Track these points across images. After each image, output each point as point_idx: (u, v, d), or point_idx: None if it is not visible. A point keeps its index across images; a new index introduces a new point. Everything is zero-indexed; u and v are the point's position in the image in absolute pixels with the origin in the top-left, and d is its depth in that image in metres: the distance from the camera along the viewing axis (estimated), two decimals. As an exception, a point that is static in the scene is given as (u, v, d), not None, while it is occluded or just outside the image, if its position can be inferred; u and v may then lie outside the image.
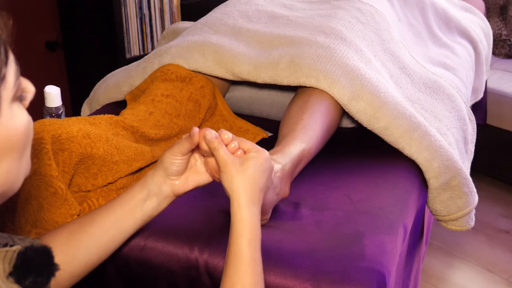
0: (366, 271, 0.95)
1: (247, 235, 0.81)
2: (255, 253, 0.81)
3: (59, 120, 1.12)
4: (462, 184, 1.30)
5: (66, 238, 0.88)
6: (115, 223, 0.89)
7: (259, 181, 0.83)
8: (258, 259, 0.82)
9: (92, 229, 0.89)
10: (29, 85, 0.63)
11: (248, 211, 0.82)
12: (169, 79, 1.36)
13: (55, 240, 0.87)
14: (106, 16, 2.30)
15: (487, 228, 2.31)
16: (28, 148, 0.63)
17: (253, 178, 0.82)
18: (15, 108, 0.59)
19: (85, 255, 0.88)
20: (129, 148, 1.17)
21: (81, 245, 0.88)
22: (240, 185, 0.82)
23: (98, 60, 2.46)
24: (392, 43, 1.51)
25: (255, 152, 0.84)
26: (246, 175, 0.82)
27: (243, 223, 0.81)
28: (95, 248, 0.88)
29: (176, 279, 1.04)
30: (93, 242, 0.88)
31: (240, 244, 0.81)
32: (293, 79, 1.29)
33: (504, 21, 2.71)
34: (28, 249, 0.69)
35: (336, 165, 1.29)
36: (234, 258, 0.80)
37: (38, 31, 2.53)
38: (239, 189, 0.82)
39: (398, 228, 1.09)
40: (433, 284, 2.02)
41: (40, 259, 0.72)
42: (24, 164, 0.63)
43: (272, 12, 1.56)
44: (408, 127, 1.26)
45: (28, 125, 0.61)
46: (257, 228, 0.82)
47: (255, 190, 0.83)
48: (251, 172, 0.82)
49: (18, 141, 0.59)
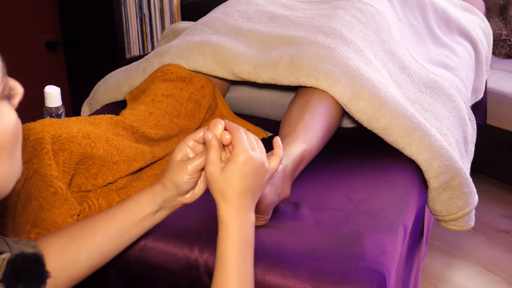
0: (366, 271, 0.95)
1: (231, 238, 0.79)
2: (241, 255, 0.80)
3: (59, 120, 1.12)
4: (462, 184, 1.30)
5: (65, 243, 0.87)
6: (120, 232, 0.88)
7: (238, 187, 0.80)
8: (246, 262, 0.80)
9: (94, 235, 0.87)
10: (17, 85, 0.62)
11: (231, 216, 0.80)
12: (169, 79, 1.36)
13: (54, 243, 0.86)
14: (106, 16, 2.30)
15: (487, 228, 2.31)
16: (17, 149, 0.62)
17: (231, 185, 0.80)
18: (3, 107, 0.58)
19: (85, 260, 0.87)
20: (129, 148, 1.17)
21: (82, 250, 0.87)
22: (219, 192, 0.80)
23: (98, 60, 2.46)
24: (392, 43, 1.51)
25: (235, 154, 0.80)
26: (224, 182, 0.80)
27: (226, 227, 0.80)
28: (96, 254, 0.88)
29: (176, 279, 1.04)
30: (95, 248, 0.87)
31: (223, 247, 0.80)
32: (293, 79, 1.29)
33: (504, 21, 2.71)
34: (18, 257, 0.69)
35: (336, 165, 1.29)
36: (219, 261, 0.80)
37: (38, 31, 2.53)
38: (219, 196, 0.80)
39: (398, 228, 1.09)
40: (433, 284, 2.02)
41: (31, 267, 0.71)
42: (15, 166, 0.62)
43: (272, 12, 1.56)
44: (408, 127, 1.26)
45: (17, 124, 0.60)
46: (244, 231, 0.81)
47: (236, 196, 0.80)
48: (229, 178, 0.80)
49: (8, 140, 0.59)
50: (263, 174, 0.83)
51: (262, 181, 0.83)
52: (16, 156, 0.62)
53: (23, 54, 2.49)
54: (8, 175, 0.61)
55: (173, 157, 0.87)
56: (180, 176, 0.85)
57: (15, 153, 0.61)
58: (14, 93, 0.61)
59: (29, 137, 1.06)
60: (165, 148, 1.28)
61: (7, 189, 0.62)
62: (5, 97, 0.59)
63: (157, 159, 1.25)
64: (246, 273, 0.80)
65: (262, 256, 0.99)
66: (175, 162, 0.86)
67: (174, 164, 0.86)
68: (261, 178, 0.83)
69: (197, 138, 0.87)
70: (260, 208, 1.02)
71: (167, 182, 0.87)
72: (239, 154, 0.80)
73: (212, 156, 0.81)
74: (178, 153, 0.86)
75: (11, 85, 0.61)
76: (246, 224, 0.81)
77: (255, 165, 0.81)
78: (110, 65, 2.21)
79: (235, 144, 0.81)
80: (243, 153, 0.80)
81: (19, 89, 0.62)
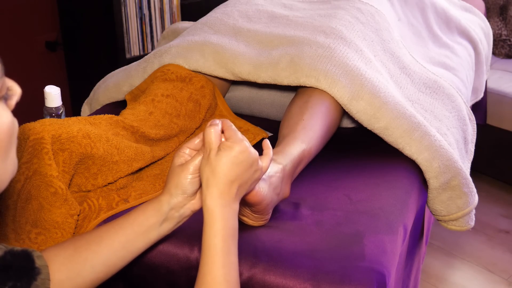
0: (366, 271, 0.95)
1: (215, 225, 0.79)
2: (224, 243, 0.79)
3: (59, 120, 1.12)
4: (462, 184, 1.30)
5: (71, 255, 0.85)
6: (125, 244, 0.87)
7: (229, 173, 0.80)
8: (230, 250, 0.80)
9: (99, 247, 0.86)
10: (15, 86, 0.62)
11: (214, 201, 0.80)
12: (169, 79, 1.36)
13: (60, 254, 0.85)
14: (106, 16, 2.30)
15: (487, 228, 2.31)
16: (12, 149, 0.62)
17: (223, 170, 0.80)
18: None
19: (90, 273, 0.86)
20: (129, 148, 1.17)
21: (87, 262, 0.85)
22: (209, 174, 0.80)
23: (98, 60, 2.46)
24: (392, 43, 1.51)
25: (232, 142, 0.81)
26: (216, 165, 0.80)
27: (210, 213, 0.80)
28: (102, 267, 0.86)
29: (176, 279, 1.04)
30: (100, 261, 0.86)
31: (208, 235, 0.80)
32: (293, 79, 1.29)
33: (504, 21, 2.71)
34: (7, 254, 0.69)
35: (336, 165, 1.29)
36: (204, 249, 0.80)
37: (38, 31, 2.53)
38: (208, 178, 0.80)
39: (398, 228, 1.09)
40: (433, 284, 2.02)
41: (21, 263, 0.71)
42: (9, 165, 0.61)
43: (272, 12, 1.56)
44: (408, 127, 1.26)
45: (12, 125, 0.60)
46: (227, 218, 0.80)
47: (223, 182, 0.80)
48: (222, 163, 0.80)
49: (2, 140, 0.58)
50: (255, 169, 0.84)
51: (253, 176, 0.84)
52: (10, 157, 0.61)
53: (23, 54, 2.49)
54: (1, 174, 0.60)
55: (173, 164, 0.87)
56: (183, 178, 0.85)
57: (9, 153, 0.61)
58: (12, 94, 0.61)
59: (29, 137, 1.06)
60: (165, 148, 1.28)
61: (1, 188, 0.62)
62: (2, 97, 0.59)
63: (157, 159, 1.25)
64: (231, 261, 0.80)
65: (262, 256, 0.99)
66: (175, 167, 0.87)
67: (175, 169, 0.87)
68: (252, 173, 0.84)
69: (193, 146, 0.87)
70: (259, 208, 1.02)
71: (171, 188, 0.86)
72: (236, 142, 0.81)
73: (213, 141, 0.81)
74: (177, 159, 0.87)
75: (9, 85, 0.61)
76: (229, 212, 0.81)
77: (250, 157, 0.82)
78: (110, 65, 2.21)
79: (232, 135, 0.82)
80: (241, 142, 0.81)
81: (16, 89, 0.62)
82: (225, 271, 0.79)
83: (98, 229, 0.89)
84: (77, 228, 1.08)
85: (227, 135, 0.83)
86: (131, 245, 0.87)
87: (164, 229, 0.88)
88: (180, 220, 0.89)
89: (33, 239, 1.04)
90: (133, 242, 0.87)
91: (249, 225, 1.06)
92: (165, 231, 0.89)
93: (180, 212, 0.88)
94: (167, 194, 0.87)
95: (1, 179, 0.61)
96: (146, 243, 0.89)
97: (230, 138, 0.82)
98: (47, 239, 1.04)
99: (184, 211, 0.88)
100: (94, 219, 1.08)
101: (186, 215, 0.89)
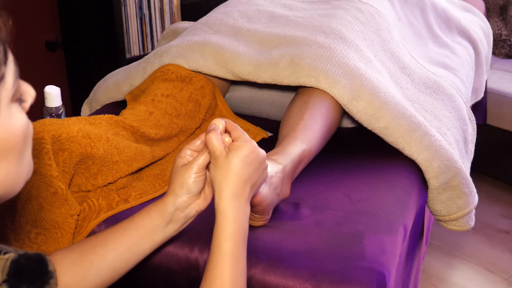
0: (366, 271, 0.95)
1: (228, 229, 0.79)
2: (236, 247, 0.79)
3: (59, 120, 1.12)
4: (462, 184, 1.30)
5: (77, 258, 0.85)
6: (131, 246, 0.86)
7: (242, 173, 0.80)
8: (240, 254, 0.80)
9: (104, 250, 0.86)
10: (30, 88, 0.62)
11: (229, 204, 0.79)
12: (169, 79, 1.36)
13: (66, 258, 0.85)
14: (106, 16, 2.30)
15: (487, 228, 2.31)
16: (27, 151, 0.62)
17: (235, 170, 0.80)
18: (14, 110, 0.58)
19: (96, 276, 0.85)
20: (129, 148, 1.17)
21: (92, 266, 0.85)
22: (222, 177, 0.80)
23: (98, 60, 2.46)
24: (392, 43, 1.51)
25: (242, 142, 0.81)
26: (228, 167, 0.80)
27: (223, 216, 0.79)
28: (107, 270, 0.86)
29: (176, 279, 1.04)
30: (106, 264, 0.85)
31: (220, 238, 0.79)
32: (293, 79, 1.29)
33: (504, 21, 2.71)
34: (21, 257, 0.69)
35: (336, 165, 1.29)
36: (215, 252, 0.79)
37: (38, 31, 2.53)
38: (221, 181, 0.80)
39: (398, 228, 1.09)
40: (433, 284, 2.02)
41: (34, 267, 0.71)
42: (24, 168, 0.61)
43: (272, 12, 1.56)
44: (408, 127, 1.26)
45: (27, 127, 0.60)
46: (240, 222, 0.80)
47: (237, 183, 0.80)
48: (234, 164, 0.80)
49: (16, 143, 0.58)
50: (264, 169, 0.84)
51: (262, 176, 0.85)
52: (26, 158, 0.61)
53: (23, 54, 2.49)
54: (16, 177, 0.60)
55: (175, 165, 0.87)
56: (187, 177, 0.85)
57: (24, 155, 0.61)
58: (26, 97, 0.61)
59: (29, 137, 1.06)
60: (165, 148, 1.28)
61: (16, 190, 0.62)
62: (17, 100, 0.59)
63: (157, 159, 1.25)
64: (240, 266, 0.80)
65: (262, 256, 0.99)
66: (178, 168, 0.86)
67: (179, 170, 0.86)
68: (261, 172, 0.84)
69: (194, 147, 0.87)
70: (259, 208, 1.02)
71: (176, 188, 0.86)
72: (245, 142, 0.81)
73: (218, 143, 0.81)
74: (179, 160, 0.87)
75: (24, 88, 0.61)
76: (243, 215, 0.81)
77: (260, 157, 0.82)
78: (110, 65, 2.21)
79: (240, 135, 0.82)
80: (250, 142, 0.82)
81: (31, 92, 0.62)
82: (235, 276, 0.78)
83: (103, 232, 0.89)
84: (77, 228, 1.08)
85: (235, 136, 0.83)
86: (136, 247, 0.87)
87: (170, 230, 0.88)
88: (185, 221, 0.88)
89: (33, 239, 1.03)
90: (138, 244, 0.87)
91: (249, 225, 1.06)
92: (171, 232, 0.88)
93: (185, 212, 0.87)
94: (172, 195, 0.86)
95: (16, 182, 0.61)
96: (151, 245, 0.88)
97: (239, 138, 0.82)
98: (47, 239, 1.04)
99: (189, 211, 0.87)
100: (94, 219, 1.08)
101: (191, 216, 0.88)
